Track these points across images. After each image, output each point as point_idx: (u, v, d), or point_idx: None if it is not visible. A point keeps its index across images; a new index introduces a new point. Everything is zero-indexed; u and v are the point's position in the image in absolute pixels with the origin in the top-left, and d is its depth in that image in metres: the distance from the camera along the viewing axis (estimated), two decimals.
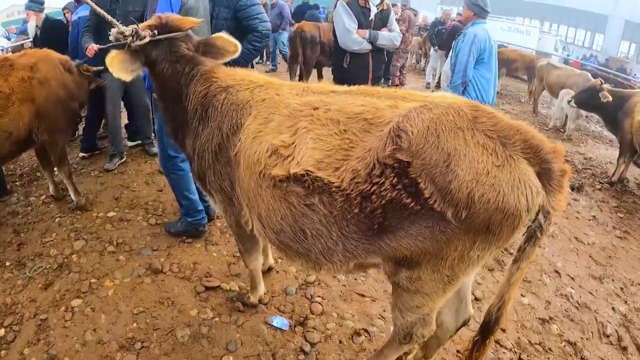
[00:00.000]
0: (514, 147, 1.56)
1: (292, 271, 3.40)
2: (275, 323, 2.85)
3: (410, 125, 1.62)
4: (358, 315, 3.00)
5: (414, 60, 15.05)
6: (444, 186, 1.55)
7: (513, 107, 10.59)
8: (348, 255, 1.88)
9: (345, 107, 1.85)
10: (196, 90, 2.23)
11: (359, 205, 1.70)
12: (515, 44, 16.23)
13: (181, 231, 3.73)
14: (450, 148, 1.56)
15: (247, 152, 1.96)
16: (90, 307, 2.99)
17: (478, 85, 4.48)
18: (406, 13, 9.24)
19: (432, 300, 1.90)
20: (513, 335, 3.03)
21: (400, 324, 2.06)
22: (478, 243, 1.64)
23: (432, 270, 1.77)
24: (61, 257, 3.53)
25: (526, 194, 1.52)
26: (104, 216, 4.13)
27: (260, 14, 3.71)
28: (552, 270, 3.91)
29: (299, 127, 1.86)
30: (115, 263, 3.44)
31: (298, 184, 1.80)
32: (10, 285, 3.26)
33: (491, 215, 1.54)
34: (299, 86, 2.14)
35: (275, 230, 1.99)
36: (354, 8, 4.36)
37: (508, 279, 1.81)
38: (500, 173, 1.52)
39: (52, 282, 3.26)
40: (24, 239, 3.87)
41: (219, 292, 3.14)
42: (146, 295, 3.09)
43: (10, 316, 2.96)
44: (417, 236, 1.68)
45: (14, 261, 3.55)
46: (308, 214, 1.83)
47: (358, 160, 1.70)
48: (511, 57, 12.16)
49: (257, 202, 1.99)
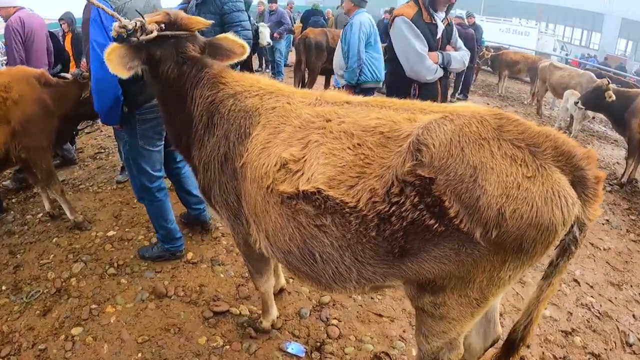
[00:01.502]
0: (545, 155, 1.42)
1: (304, 292, 3.24)
2: (291, 349, 2.69)
3: (431, 137, 1.47)
4: (377, 337, 2.85)
5: None
6: (471, 203, 1.40)
7: (516, 109, 10.51)
8: (363, 281, 1.75)
9: (360, 120, 1.71)
10: (203, 94, 2.09)
11: (377, 227, 1.56)
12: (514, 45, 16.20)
13: (156, 256, 3.55)
14: (476, 161, 1.42)
15: (255, 164, 1.83)
16: (91, 336, 2.82)
17: (371, 65, 4.95)
18: None
19: (460, 325, 1.76)
20: (537, 351, 2.90)
21: (425, 350, 1.90)
22: (509, 263, 1.49)
23: (458, 295, 1.63)
24: (59, 280, 3.36)
25: (561, 205, 1.37)
26: (104, 236, 3.97)
27: (243, 21, 3.70)
28: (571, 279, 3.80)
29: (310, 140, 1.72)
30: (116, 287, 3.27)
31: (308, 203, 1.66)
32: (7, 312, 3.09)
33: (524, 232, 1.39)
34: (311, 95, 1.99)
35: (283, 250, 1.86)
36: (419, 26, 3.46)
37: (538, 296, 1.66)
38: (532, 185, 1.38)
39: (50, 309, 3.08)
40: (20, 261, 3.70)
41: (229, 317, 2.98)
42: (151, 321, 2.93)
43: (8, 346, 2.79)
44: (442, 259, 1.53)
45: (10, 285, 3.38)
46: (318, 236, 1.69)
47: (375, 179, 1.56)
48: (514, 58, 12.15)
49: (264, 219, 1.85)
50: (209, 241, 3.86)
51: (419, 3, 3.51)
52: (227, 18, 3.63)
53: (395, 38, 3.55)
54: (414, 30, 3.42)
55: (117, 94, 2.69)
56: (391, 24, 3.60)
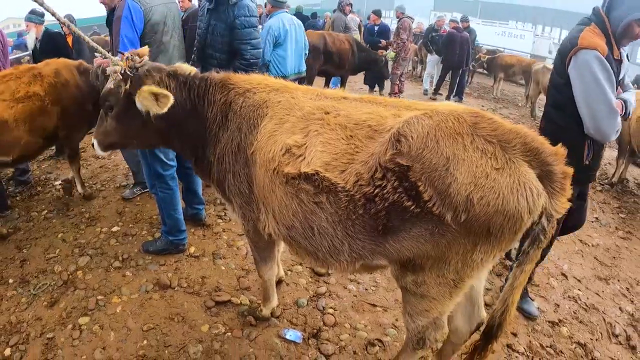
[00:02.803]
0: (514, 150, 1.59)
1: (302, 283, 3.38)
2: (289, 336, 2.82)
3: (410, 130, 1.67)
4: (371, 325, 2.98)
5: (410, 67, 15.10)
6: (443, 189, 1.59)
7: (511, 111, 10.65)
8: (354, 255, 1.94)
9: (353, 114, 1.93)
10: (215, 98, 2.29)
11: (363, 206, 1.77)
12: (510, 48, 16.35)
13: (160, 249, 3.68)
14: (449, 152, 1.60)
15: (263, 150, 2.03)
16: (98, 325, 2.94)
17: (276, 63, 5.23)
18: (406, 21, 9.25)
19: (440, 304, 1.93)
20: (524, 339, 3.03)
21: (412, 329, 2.09)
22: (480, 246, 1.67)
23: (436, 275, 1.81)
24: (66, 273, 3.48)
25: (526, 195, 1.53)
26: (108, 231, 4.09)
27: (253, 39, 3.68)
28: (559, 273, 3.93)
29: (310, 129, 1.94)
30: (121, 279, 3.39)
31: (308, 182, 1.87)
32: (15, 304, 3.20)
33: (491, 217, 1.56)
34: (313, 91, 2.21)
35: (287, 226, 2.05)
36: (610, 65, 2.51)
37: (512, 283, 1.83)
38: (500, 176, 1.54)
39: (57, 300, 3.20)
40: (26, 255, 3.81)
41: (230, 307, 3.10)
42: (155, 311, 3.05)
43: (16, 335, 2.90)
44: (419, 238, 1.72)
45: (18, 278, 3.50)
46: (316, 211, 1.90)
47: (362, 164, 1.77)
48: (508, 62, 12.29)
49: (271, 198, 2.06)
50: (210, 236, 3.98)
51: (607, 32, 2.56)
52: (238, 33, 3.63)
53: (580, 79, 2.55)
54: (609, 74, 2.49)
55: None
56: (571, 57, 2.58)
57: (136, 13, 2.89)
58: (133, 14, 2.88)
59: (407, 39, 9.28)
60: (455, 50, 10.16)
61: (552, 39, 23.31)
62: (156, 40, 3.08)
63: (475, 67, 13.28)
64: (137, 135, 2.43)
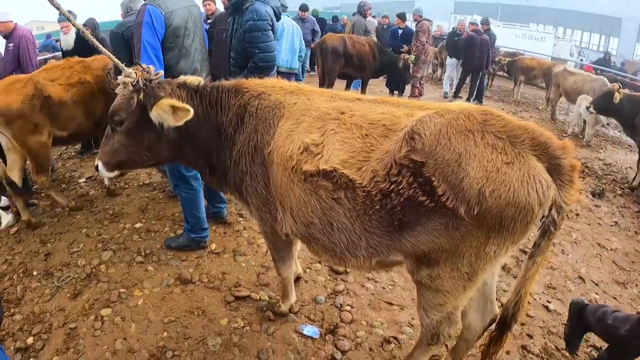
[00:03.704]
0: (523, 145, 1.65)
1: (320, 280, 3.42)
2: (306, 331, 2.86)
3: (423, 128, 1.74)
4: (387, 323, 3.00)
5: (430, 70, 15.02)
6: (456, 184, 1.65)
7: (531, 114, 10.53)
8: (371, 250, 1.98)
9: (367, 114, 2.00)
10: (229, 103, 2.34)
11: (380, 202, 1.82)
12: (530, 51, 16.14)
13: (182, 246, 3.75)
14: (461, 148, 1.66)
15: (280, 150, 2.08)
16: (120, 316, 3.02)
17: None
18: (425, 24, 9.21)
19: (455, 298, 1.97)
20: (540, 341, 3.02)
21: (426, 324, 2.13)
22: (492, 239, 1.71)
23: (450, 268, 1.86)
24: (89, 267, 3.57)
25: (536, 187, 1.59)
26: (131, 227, 4.19)
27: (261, 43, 3.65)
28: (577, 276, 3.90)
29: (327, 129, 2.00)
30: (144, 273, 3.48)
31: (326, 179, 1.92)
32: (39, 295, 3.32)
33: (503, 210, 1.61)
34: (327, 92, 2.27)
35: (305, 222, 2.09)
36: None
37: (524, 274, 1.89)
38: (510, 170, 1.60)
39: (80, 292, 3.30)
40: (51, 249, 3.93)
41: (249, 302, 3.16)
42: (176, 304, 3.12)
43: (39, 324, 3.00)
44: (433, 232, 1.77)
45: (42, 271, 3.61)
46: (335, 207, 1.95)
47: (377, 162, 1.83)
48: (529, 64, 12.15)
49: (289, 196, 2.10)
50: (231, 234, 4.05)
51: None
52: (247, 37, 3.64)
53: None
54: None
55: None
56: None
57: (157, 18, 2.91)
58: (154, 19, 2.90)
59: (426, 42, 9.25)
60: (475, 53, 10.09)
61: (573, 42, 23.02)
62: (178, 44, 3.13)
63: (496, 70, 13.14)
64: (148, 149, 2.40)
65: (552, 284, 3.65)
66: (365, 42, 8.72)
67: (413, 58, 9.01)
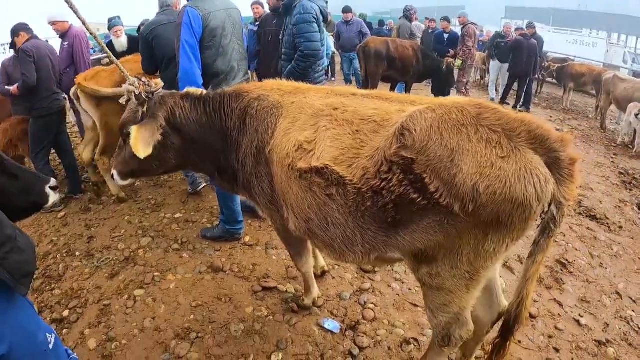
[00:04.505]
0: (519, 138, 1.59)
1: (347, 278, 3.45)
2: (327, 325, 2.90)
3: (413, 124, 1.70)
4: (409, 324, 3.00)
5: (478, 76, 14.72)
6: (449, 180, 1.60)
7: (580, 122, 10.12)
8: (367, 246, 1.98)
9: (359, 110, 1.99)
10: (231, 107, 2.39)
11: (371, 199, 1.81)
12: (581, 57, 15.50)
13: (217, 236, 3.90)
14: (454, 144, 1.61)
15: (279, 148, 2.12)
16: (151, 298, 3.19)
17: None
18: (471, 28, 9.03)
19: (458, 298, 1.92)
20: (567, 356, 2.91)
21: (435, 325, 2.10)
22: (491, 235, 1.66)
23: (450, 266, 1.82)
24: (128, 251, 3.79)
25: (534, 182, 1.52)
26: (171, 217, 4.39)
27: (307, 33, 3.86)
28: (613, 291, 3.71)
29: (320, 126, 2.01)
30: (178, 260, 3.64)
31: (319, 176, 1.94)
32: (78, 273, 3.57)
33: (499, 206, 1.56)
34: (324, 89, 2.30)
35: (304, 218, 2.12)
36: None
37: (524, 274, 1.81)
38: (506, 164, 1.54)
39: (117, 273, 3.51)
40: (94, 233, 4.20)
41: (275, 293, 3.25)
42: (205, 290, 3.25)
43: (75, 300, 3.24)
44: (429, 230, 1.74)
45: (84, 252, 3.88)
46: (328, 203, 1.97)
47: (368, 159, 1.82)
48: (579, 71, 11.69)
49: (288, 193, 2.14)
50: (265, 228, 4.15)
51: None
52: (294, 29, 3.89)
53: None
54: None
55: (199, 84, 3.17)
56: None
57: (195, 19, 3.13)
58: (192, 20, 3.12)
59: (472, 46, 9.08)
60: (522, 57, 9.81)
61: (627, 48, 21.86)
62: (215, 43, 3.30)
63: (545, 76, 12.71)
64: (156, 159, 2.42)
65: (587, 297, 3.52)
66: (409, 46, 8.66)
67: (459, 63, 8.85)
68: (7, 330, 1.52)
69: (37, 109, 4.69)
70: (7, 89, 4.73)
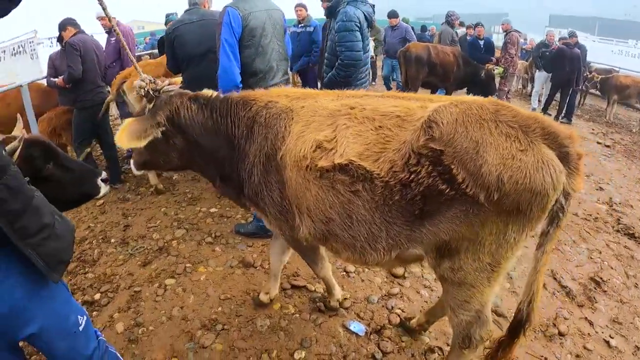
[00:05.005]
0: (534, 134, 1.69)
1: (377, 281, 3.43)
2: (353, 327, 2.91)
3: (440, 117, 1.76)
4: (436, 333, 2.96)
5: (520, 85, 14.38)
6: (475, 171, 1.67)
7: (623, 136, 9.75)
8: (391, 242, 1.98)
9: (379, 107, 1.99)
10: (238, 115, 2.33)
11: (399, 192, 1.83)
12: (627, 68, 14.87)
13: (250, 232, 3.96)
14: (478, 137, 1.70)
15: (292, 152, 2.07)
16: (181, 287, 3.28)
17: None
18: (514, 35, 8.82)
19: (480, 292, 1.96)
20: None
21: (455, 324, 2.10)
22: (511, 225, 1.75)
23: (472, 259, 1.87)
24: (162, 241, 3.91)
25: (550, 173, 1.64)
26: (206, 211, 4.50)
27: (348, 42, 3.82)
28: None
29: (338, 124, 2.00)
30: (211, 253, 3.73)
31: (343, 173, 1.92)
32: (112, 259, 3.71)
33: (520, 195, 1.65)
34: (333, 93, 2.28)
35: (324, 220, 2.09)
36: None
37: (535, 266, 1.89)
38: (525, 156, 1.65)
39: (150, 261, 3.62)
40: (130, 222, 4.35)
41: (304, 292, 3.27)
42: (235, 284, 3.31)
43: (107, 284, 3.37)
44: (454, 220, 1.79)
45: (119, 239, 4.03)
46: (354, 200, 1.95)
47: (394, 152, 1.84)
48: (623, 82, 11.23)
49: (305, 196, 2.09)
50: None
51: None
52: (336, 37, 3.86)
53: None
54: None
55: (237, 82, 3.26)
56: None
57: (234, 19, 3.21)
58: (232, 20, 3.21)
59: (515, 54, 8.88)
60: (565, 67, 9.54)
61: None
62: (255, 43, 3.36)
63: (589, 87, 12.30)
64: (161, 154, 2.44)
65: (619, 318, 3.38)
66: (450, 52, 8.56)
67: (501, 71, 8.68)
68: (40, 312, 1.60)
69: (81, 101, 4.90)
70: (53, 81, 4.97)
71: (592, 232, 4.58)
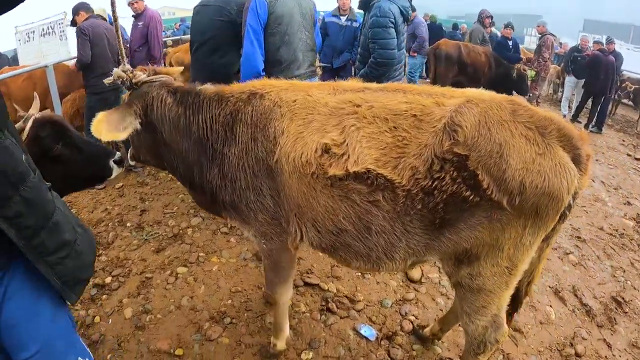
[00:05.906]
0: (551, 136, 1.67)
1: (392, 285, 3.34)
2: (363, 331, 2.84)
3: (463, 119, 1.68)
4: (448, 343, 2.86)
5: (551, 90, 14.01)
6: (499, 176, 1.63)
7: None
8: (409, 251, 1.91)
9: (388, 104, 1.83)
10: (212, 114, 2.08)
11: (422, 201, 1.74)
12: None
13: None
14: (501, 139, 1.64)
15: (291, 155, 1.86)
16: (193, 277, 3.26)
17: None
18: (549, 38, 8.53)
19: (497, 297, 1.93)
20: None
21: (471, 331, 2.04)
22: (528, 228, 1.73)
23: (491, 264, 1.83)
24: (177, 228, 3.89)
25: (566, 177, 1.63)
26: None
27: (381, 39, 3.71)
28: None
29: (346, 125, 1.81)
30: (225, 243, 3.70)
31: (359, 182, 1.78)
32: (126, 243, 3.71)
33: (539, 199, 1.64)
34: (326, 85, 2.06)
35: (334, 231, 1.93)
36: None
37: (539, 255, 1.96)
38: (544, 160, 1.62)
39: (164, 248, 3.61)
40: (147, 207, 4.35)
41: (316, 290, 3.20)
42: (247, 277, 3.27)
43: (119, 268, 3.36)
44: (477, 227, 1.74)
45: (135, 224, 4.02)
46: (372, 210, 1.82)
47: (415, 157, 1.72)
48: None
49: (311, 206, 1.91)
50: None
51: None
52: (370, 33, 3.76)
53: None
54: None
55: (259, 69, 3.20)
56: None
57: (261, 5, 3.15)
58: (258, 6, 3.15)
59: (548, 58, 8.60)
60: (599, 74, 9.23)
61: None
62: (280, 31, 3.27)
63: (621, 96, 11.89)
64: (138, 147, 2.25)
65: (638, 343, 3.23)
66: (481, 52, 8.35)
67: (533, 74, 8.43)
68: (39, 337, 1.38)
69: (91, 86, 4.94)
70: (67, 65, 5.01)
71: (618, 248, 4.41)
